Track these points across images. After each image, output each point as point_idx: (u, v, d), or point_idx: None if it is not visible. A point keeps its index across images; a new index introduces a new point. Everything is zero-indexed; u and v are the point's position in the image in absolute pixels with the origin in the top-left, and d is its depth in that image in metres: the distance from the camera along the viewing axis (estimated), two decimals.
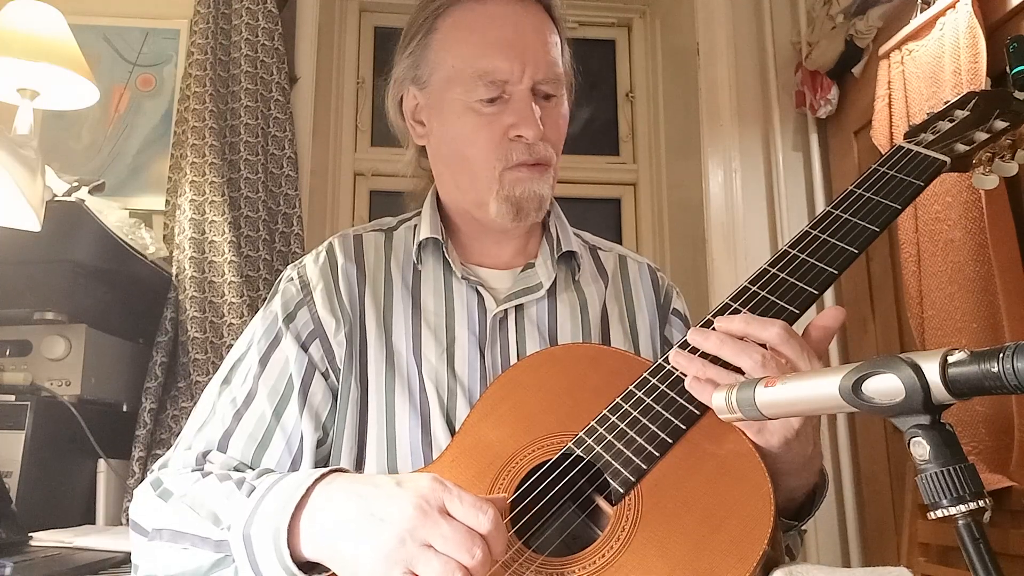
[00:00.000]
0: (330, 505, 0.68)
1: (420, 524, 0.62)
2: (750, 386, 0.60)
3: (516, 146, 0.89)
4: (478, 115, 0.89)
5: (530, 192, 0.90)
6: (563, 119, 0.94)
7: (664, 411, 0.73)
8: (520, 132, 0.88)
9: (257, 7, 2.11)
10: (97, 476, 1.54)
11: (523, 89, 0.88)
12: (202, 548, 0.73)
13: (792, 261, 0.78)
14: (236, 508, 0.72)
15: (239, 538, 0.69)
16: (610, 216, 2.83)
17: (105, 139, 2.10)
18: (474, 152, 0.91)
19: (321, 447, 0.86)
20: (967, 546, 0.46)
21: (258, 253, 1.98)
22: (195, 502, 0.75)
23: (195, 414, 0.88)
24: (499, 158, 0.89)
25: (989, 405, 1.42)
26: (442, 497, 0.63)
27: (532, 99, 0.89)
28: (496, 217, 0.91)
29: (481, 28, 0.90)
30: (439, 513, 0.62)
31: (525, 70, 0.88)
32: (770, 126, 2.27)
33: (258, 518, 0.69)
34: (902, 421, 0.49)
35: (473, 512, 0.62)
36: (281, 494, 0.70)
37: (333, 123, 2.63)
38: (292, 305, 0.91)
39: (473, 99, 0.89)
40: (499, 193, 0.90)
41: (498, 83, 0.88)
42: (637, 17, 2.96)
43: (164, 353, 1.82)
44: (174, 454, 0.85)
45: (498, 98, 0.89)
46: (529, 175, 0.90)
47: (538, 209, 0.92)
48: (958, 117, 0.90)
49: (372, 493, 0.66)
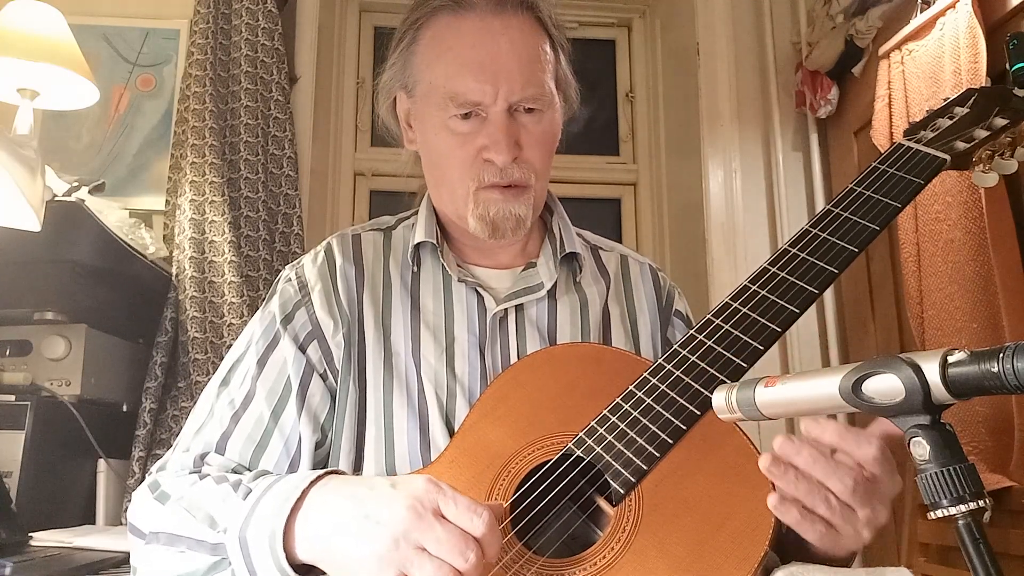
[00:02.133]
0: (325, 507, 0.68)
1: (414, 526, 0.61)
2: (750, 386, 0.60)
3: (488, 167, 0.88)
4: (452, 133, 0.88)
5: (505, 212, 0.89)
6: (547, 134, 0.91)
7: (665, 411, 0.73)
8: (490, 156, 0.87)
9: (257, 7, 2.11)
10: (97, 476, 1.54)
11: (498, 111, 0.86)
12: (198, 551, 0.72)
13: (792, 260, 0.78)
14: (232, 510, 0.72)
15: (235, 540, 0.69)
16: (610, 216, 2.83)
17: (105, 139, 2.10)
18: (449, 169, 0.90)
19: (320, 449, 0.85)
20: (967, 546, 0.46)
21: (258, 253, 1.98)
22: (192, 505, 0.75)
23: (193, 416, 0.88)
24: (472, 178, 0.88)
25: (989, 405, 1.42)
26: (436, 499, 0.63)
27: (508, 120, 0.86)
28: (474, 232, 0.91)
29: (455, 46, 0.87)
30: (433, 515, 0.62)
31: (499, 92, 0.85)
32: (770, 126, 2.27)
33: (254, 520, 0.69)
34: (902, 421, 0.49)
35: (467, 515, 0.61)
36: (277, 496, 0.69)
37: (333, 123, 2.63)
38: (290, 306, 0.90)
39: (446, 117, 0.88)
40: (475, 211, 0.89)
41: (469, 103, 0.86)
42: (637, 17, 2.96)
43: (164, 353, 1.82)
44: (172, 456, 0.85)
45: (474, 115, 0.87)
46: (502, 197, 0.89)
47: (515, 228, 0.90)
48: (958, 114, 0.89)
49: (366, 495, 0.66)
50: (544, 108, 0.89)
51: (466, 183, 0.89)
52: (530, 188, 0.90)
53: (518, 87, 0.86)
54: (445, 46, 0.88)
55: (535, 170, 0.90)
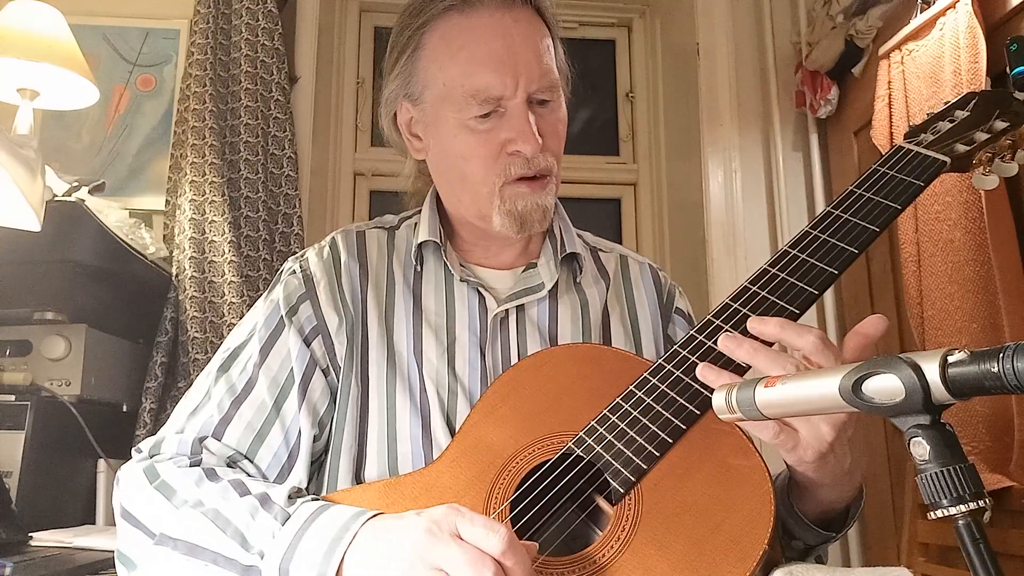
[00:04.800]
0: (370, 552, 0.66)
1: (430, 549, 0.62)
2: (750, 386, 0.60)
3: (515, 160, 0.88)
4: (473, 132, 0.88)
5: (532, 205, 0.89)
6: (561, 123, 0.92)
7: (664, 411, 0.73)
8: (518, 148, 0.87)
9: (257, 7, 2.11)
10: (97, 476, 1.54)
11: (518, 103, 0.86)
12: (227, 569, 0.71)
13: (792, 261, 0.78)
14: (268, 533, 0.70)
15: (275, 571, 0.68)
16: (610, 216, 2.83)
17: (105, 139, 2.10)
18: (472, 169, 0.89)
19: (316, 443, 0.85)
20: (967, 546, 0.46)
21: (258, 253, 1.98)
22: (217, 516, 0.73)
23: (187, 397, 0.87)
24: (498, 174, 0.88)
25: (989, 405, 1.42)
26: (455, 521, 0.63)
27: (528, 110, 0.87)
28: (500, 229, 0.91)
29: (469, 44, 0.87)
30: (450, 537, 0.62)
31: (519, 83, 0.86)
32: (770, 126, 2.27)
33: (299, 555, 0.67)
34: (902, 421, 0.49)
35: (483, 532, 0.61)
36: (324, 534, 0.68)
37: (333, 123, 2.63)
38: (295, 298, 0.90)
39: (467, 117, 0.87)
40: (501, 207, 0.89)
41: (492, 100, 0.86)
42: (637, 17, 2.96)
43: (164, 353, 1.82)
44: (165, 436, 0.83)
45: (492, 112, 0.87)
46: (530, 189, 0.89)
47: (542, 220, 0.91)
48: (958, 117, 0.89)
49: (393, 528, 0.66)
50: (556, 98, 0.90)
51: (491, 180, 0.89)
52: (553, 177, 0.91)
53: (536, 76, 0.87)
54: (457, 45, 0.87)
55: (556, 157, 0.91)
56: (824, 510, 0.78)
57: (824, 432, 0.67)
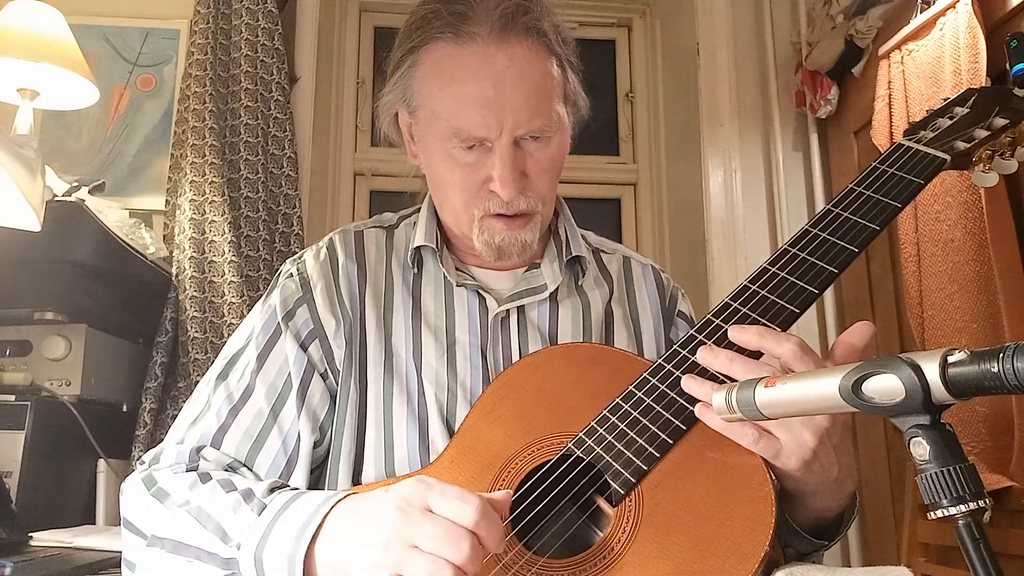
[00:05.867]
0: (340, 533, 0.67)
1: (402, 526, 0.61)
2: (750, 386, 0.60)
3: (494, 198, 0.86)
4: (456, 163, 0.86)
5: (511, 239, 0.88)
6: (554, 159, 0.88)
7: (665, 411, 0.73)
8: (495, 189, 0.85)
9: (257, 7, 2.11)
10: (97, 476, 1.54)
11: (503, 144, 0.83)
12: (209, 563, 0.71)
13: (792, 260, 0.78)
14: (245, 525, 0.71)
15: (250, 559, 0.68)
16: (610, 216, 2.83)
17: (105, 139, 2.10)
18: (454, 196, 0.89)
19: (318, 448, 0.85)
20: (967, 546, 0.46)
21: (258, 253, 1.98)
22: (200, 513, 0.74)
23: (188, 407, 0.87)
24: (477, 206, 0.87)
25: (989, 405, 1.42)
26: (425, 495, 0.62)
27: (513, 152, 0.84)
28: (480, 254, 0.90)
29: (458, 79, 0.83)
30: (421, 512, 0.61)
31: (504, 127, 0.82)
32: (770, 126, 2.27)
33: (271, 542, 0.68)
34: (902, 421, 0.49)
35: (456, 505, 0.60)
36: (295, 520, 0.68)
37: (333, 123, 2.63)
38: (291, 302, 0.90)
39: (450, 147, 0.86)
40: (480, 237, 0.88)
41: (475, 139, 0.84)
42: (637, 17, 2.96)
43: (164, 353, 1.82)
44: (165, 448, 0.84)
45: (478, 146, 0.84)
46: (507, 227, 0.88)
47: (521, 252, 0.90)
48: (958, 114, 0.89)
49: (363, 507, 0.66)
50: (552, 135, 0.87)
51: (471, 210, 0.88)
52: (536, 215, 0.89)
53: (524, 120, 0.83)
54: (447, 78, 0.84)
55: (541, 197, 0.88)
56: (816, 518, 0.77)
57: (806, 439, 0.67)
